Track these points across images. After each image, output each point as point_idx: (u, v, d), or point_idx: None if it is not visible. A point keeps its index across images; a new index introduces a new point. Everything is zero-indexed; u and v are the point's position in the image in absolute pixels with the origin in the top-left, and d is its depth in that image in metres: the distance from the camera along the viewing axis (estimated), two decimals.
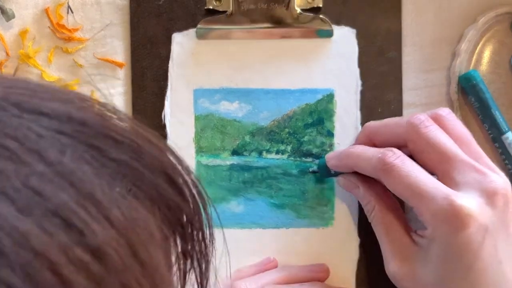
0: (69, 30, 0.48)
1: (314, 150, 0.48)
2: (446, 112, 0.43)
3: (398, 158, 0.41)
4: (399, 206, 0.45)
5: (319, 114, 0.48)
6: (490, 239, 0.39)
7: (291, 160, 0.48)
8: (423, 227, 0.41)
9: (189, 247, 0.27)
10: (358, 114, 0.48)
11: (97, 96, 0.48)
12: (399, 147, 0.42)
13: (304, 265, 0.47)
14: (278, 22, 0.48)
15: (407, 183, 0.40)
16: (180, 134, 0.48)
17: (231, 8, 0.48)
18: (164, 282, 0.24)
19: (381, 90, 0.48)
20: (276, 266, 0.48)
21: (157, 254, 0.24)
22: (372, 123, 0.46)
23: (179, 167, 0.27)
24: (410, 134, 0.42)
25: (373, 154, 0.42)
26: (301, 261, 0.48)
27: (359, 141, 0.46)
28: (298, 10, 0.48)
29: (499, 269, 0.39)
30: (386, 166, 0.41)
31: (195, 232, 0.27)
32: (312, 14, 0.48)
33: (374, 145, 0.44)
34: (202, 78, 0.48)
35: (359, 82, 0.48)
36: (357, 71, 0.48)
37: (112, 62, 0.48)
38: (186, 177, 0.27)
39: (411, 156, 0.42)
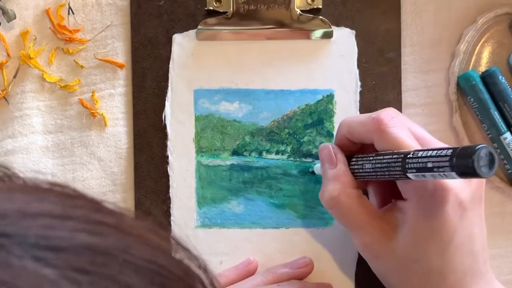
0: (70, 31, 0.48)
1: (314, 151, 0.48)
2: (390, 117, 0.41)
3: (392, 119, 0.41)
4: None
5: (319, 114, 0.48)
6: (467, 215, 0.39)
7: (291, 161, 0.48)
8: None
9: None
10: (357, 115, 0.48)
11: (97, 96, 0.48)
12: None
13: (287, 263, 0.47)
14: (278, 23, 0.48)
15: (396, 146, 0.40)
16: (181, 135, 0.48)
17: (231, 9, 0.48)
18: None
19: (380, 90, 0.48)
20: (256, 267, 0.48)
21: None
22: (346, 119, 0.44)
23: None
24: (375, 132, 0.41)
25: (366, 116, 0.42)
26: None
27: (338, 139, 0.45)
28: (298, 11, 0.48)
29: (472, 244, 0.40)
30: (381, 125, 0.40)
31: None
32: (312, 15, 0.48)
33: (351, 142, 0.44)
34: (202, 78, 0.48)
35: (359, 83, 0.48)
36: (356, 71, 0.48)
37: (113, 63, 0.48)
38: None
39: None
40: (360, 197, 0.42)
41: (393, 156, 0.38)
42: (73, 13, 0.48)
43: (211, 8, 0.48)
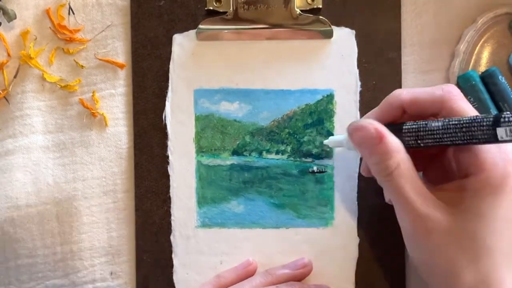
0: (70, 31, 0.48)
1: (314, 151, 0.48)
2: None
3: (460, 93, 0.41)
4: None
5: (319, 114, 0.48)
6: None
7: (291, 160, 0.48)
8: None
9: None
10: (357, 115, 0.48)
11: (97, 96, 0.48)
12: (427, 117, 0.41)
13: (286, 264, 0.47)
14: (278, 23, 0.48)
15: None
16: (181, 134, 0.48)
17: (231, 9, 0.48)
18: None
19: (380, 90, 0.48)
20: (256, 268, 0.48)
21: None
22: (404, 90, 0.42)
23: None
24: (447, 102, 0.41)
25: (434, 87, 0.42)
26: None
27: (381, 111, 0.43)
28: (298, 11, 0.48)
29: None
30: (454, 96, 0.41)
31: None
32: (312, 15, 0.48)
33: (402, 115, 0.42)
34: (202, 78, 0.48)
35: (359, 83, 0.48)
36: (356, 71, 0.48)
37: (113, 63, 0.48)
38: None
39: None
40: (415, 170, 0.40)
41: (478, 117, 0.38)
42: (73, 13, 0.48)
43: (211, 8, 0.48)
